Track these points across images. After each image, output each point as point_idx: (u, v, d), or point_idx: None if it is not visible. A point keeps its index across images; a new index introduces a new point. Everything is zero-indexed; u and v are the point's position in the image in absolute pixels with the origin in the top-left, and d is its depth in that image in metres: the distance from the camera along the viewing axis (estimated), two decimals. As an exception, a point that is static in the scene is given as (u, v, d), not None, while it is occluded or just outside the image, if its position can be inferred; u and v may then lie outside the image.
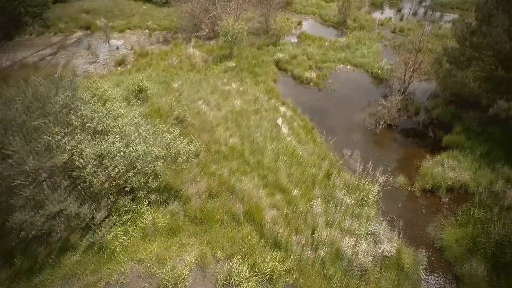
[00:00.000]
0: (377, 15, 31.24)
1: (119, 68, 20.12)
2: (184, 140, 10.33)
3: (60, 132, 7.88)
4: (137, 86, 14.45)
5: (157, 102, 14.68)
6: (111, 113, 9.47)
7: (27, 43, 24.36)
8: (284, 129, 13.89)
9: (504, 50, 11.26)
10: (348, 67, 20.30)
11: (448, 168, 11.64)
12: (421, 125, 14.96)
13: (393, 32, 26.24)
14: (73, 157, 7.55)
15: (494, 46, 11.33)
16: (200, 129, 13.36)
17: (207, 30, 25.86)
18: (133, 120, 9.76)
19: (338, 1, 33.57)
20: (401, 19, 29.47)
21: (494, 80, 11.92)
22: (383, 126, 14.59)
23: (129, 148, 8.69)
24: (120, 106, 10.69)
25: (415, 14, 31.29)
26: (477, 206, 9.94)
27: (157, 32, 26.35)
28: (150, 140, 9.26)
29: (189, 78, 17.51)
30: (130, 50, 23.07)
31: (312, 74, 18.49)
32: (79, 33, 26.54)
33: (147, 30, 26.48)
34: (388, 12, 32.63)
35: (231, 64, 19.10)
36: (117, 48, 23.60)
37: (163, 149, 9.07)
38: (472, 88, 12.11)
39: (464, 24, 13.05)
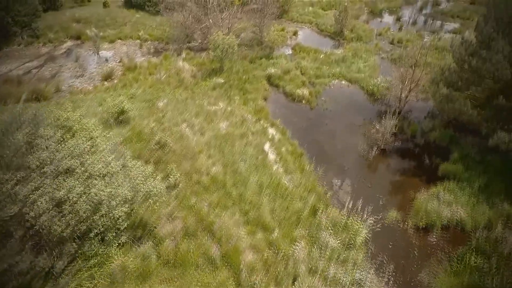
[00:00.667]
0: (375, 23, 30.41)
1: (105, 83, 19.45)
2: (158, 176, 9.61)
3: (13, 179, 7.17)
4: (117, 108, 13.75)
5: (139, 124, 14.00)
6: (76, 150, 8.76)
7: (15, 54, 23.76)
8: (271, 155, 13.14)
9: (505, 78, 10.47)
10: (343, 82, 19.52)
11: (444, 203, 10.85)
12: (417, 150, 14.16)
13: (391, 43, 25.42)
14: (23, 210, 6.83)
15: (494, 73, 10.55)
16: (182, 155, 12.65)
17: (199, 41, 25.17)
18: (102, 157, 9.02)
19: (336, 8, 32.89)
20: (400, 29, 28.62)
21: (494, 107, 11.14)
22: (377, 151, 13.81)
23: (92, 191, 7.99)
24: (91, 138, 9.98)
25: (414, 23, 30.43)
26: (474, 251, 9.14)
27: (148, 42, 25.68)
28: (118, 180, 8.54)
29: (175, 96, 16.81)
30: (119, 62, 22.40)
31: (305, 91, 17.72)
32: (69, 43, 25.92)
33: (138, 40, 25.81)
34: (387, 19, 31.79)
35: (220, 80, 18.38)
36: (106, 60, 22.95)
37: (130, 192, 8.35)
38: (470, 115, 11.33)
39: (462, 46, 12.26)
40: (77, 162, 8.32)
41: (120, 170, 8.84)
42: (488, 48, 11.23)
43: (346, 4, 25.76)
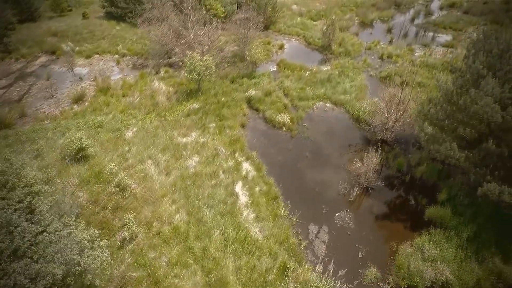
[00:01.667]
0: (365, 35, 29.35)
1: (75, 106, 18.23)
2: (103, 241, 8.45)
3: None
4: (76, 145, 12.57)
5: (100, 162, 12.82)
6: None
7: (-16, 72, 22.49)
8: (243, 198, 12.03)
9: (495, 121, 9.44)
10: (328, 105, 18.43)
11: (429, 259, 9.80)
12: (403, 188, 13.11)
13: (381, 58, 24.36)
14: None
15: (484, 115, 9.52)
16: (144, 200, 11.51)
17: (181, 55, 23.97)
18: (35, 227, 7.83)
19: (326, 18, 31.81)
20: (390, 42, 27.61)
21: (483, 150, 10.11)
22: (359, 190, 12.74)
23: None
24: (29, 194, 8.82)
25: (406, 35, 29.43)
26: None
27: (127, 57, 24.45)
28: (49, 253, 7.37)
29: (146, 125, 15.64)
30: (93, 81, 21.17)
31: (285, 118, 16.61)
32: (43, 59, 24.61)
33: (116, 55, 24.59)
34: (378, 30, 30.75)
35: (196, 106, 17.22)
36: (80, 78, 21.67)
37: (61, 268, 7.18)
38: (458, 159, 10.30)
39: (449, 86, 11.22)
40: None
41: (55, 238, 7.67)
42: (477, 86, 10.19)
43: (334, 17, 24.66)
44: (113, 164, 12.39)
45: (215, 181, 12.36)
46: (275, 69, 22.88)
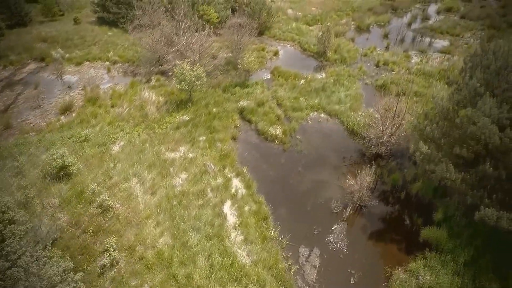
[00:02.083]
0: (361, 41, 28.91)
1: (62, 118, 17.70)
2: (77, 276, 7.95)
3: None
4: (57, 163, 12.06)
5: (83, 181, 12.32)
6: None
7: (-30, 80, 21.93)
8: (231, 218, 11.55)
9: (493, 143, 9.00)
10: (322, 115, 17.98)
11: (424, 286, 9.35)
12: (398, 206, 12.67)
13: (377, 65, 23.93)
14: None
15: (481, 136, 9.09)
16: (127, 222, 11.02)
17: (173, 63, 23.47)
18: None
19: (322, 23, 31.36)
20: (387, 47, 27.20)
21: (480, 172, 9.66)
22: (352, 209, 12.29)
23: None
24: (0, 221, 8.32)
25: (402, 40, 29.02)
26: None
27: (118, 65, 23.91)
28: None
29: (133, 138, 15.13)
30: (82, 89, 20.64)
31: (278, 130, 16.14)
32: (32, 66, 24.05)
33: (107, 63, 24.06)
34: (375, 35, 30.33)
35: (186, 118, 16.72)
36: (69, 87, 21.13)
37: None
38: (454, 181, 9.86)
39: (445, 103, 10.79)
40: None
41: (24, 275, 7.17)
42: (474, 103, 9.76)
43: (329, 24, 24.22)
44: (96, 183, 11.89)
45: (203, 200, 11.88)
46: (269, 77, 22.41)
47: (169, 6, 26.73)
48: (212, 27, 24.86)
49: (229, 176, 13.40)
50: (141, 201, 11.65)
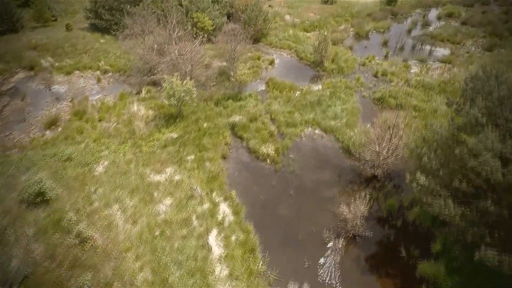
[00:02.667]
0: (360, 48, 28.23)
1: (47, 133, 17.09)
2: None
3: None
4: (33, 190, 11.43)
5: (60, 208, 11.68)
6: None
7: (-44, 90, 21.29)
8: (217, 250, 10.90)
9: (496, 179, 8.34)
10: (317, 132, 17.30)
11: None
12: (394, 235, 12.00)
13: (375, 76, 23.23)
14: None
15: (482, 172, 8.43)
16: (105, 255, 10.38)
17: (164, 74, 22.80)
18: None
19: (319, 29, 30.62)
20: (386, 56, 26.49)
21: (481, 207, 9.00)
22: (345, 240, 11.63)
23: None
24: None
25: (402, 48, 28.30)
26: None
27: (109, 74, 23.31)
28: None
29: (118, 158, 14.50)
30: (70, 101, 20.03)
31: (270, 149, 15.49)
32: (21, 75, 23.42)
33: (98, 72, 23.42)
34: (374, 43, 29.61)
35: (174, 135, 16.07)
36: (57, 98, 20.52)
37: None
38: (453, 217, 9.22)
39: (443, 132, 10.13)
40: None
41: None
42: (476, 132, 9.09)
43: (326, 33, 23.52)
44: (75, 210, 11.27)
45: (187, 230, 11.23)
46: (264, 88, 21.76)
47: (161, 13, 26.04)
48: (206, 35, 24.21)
49: (217, 200, 12.76)
50: (121, 231, 11.01)
